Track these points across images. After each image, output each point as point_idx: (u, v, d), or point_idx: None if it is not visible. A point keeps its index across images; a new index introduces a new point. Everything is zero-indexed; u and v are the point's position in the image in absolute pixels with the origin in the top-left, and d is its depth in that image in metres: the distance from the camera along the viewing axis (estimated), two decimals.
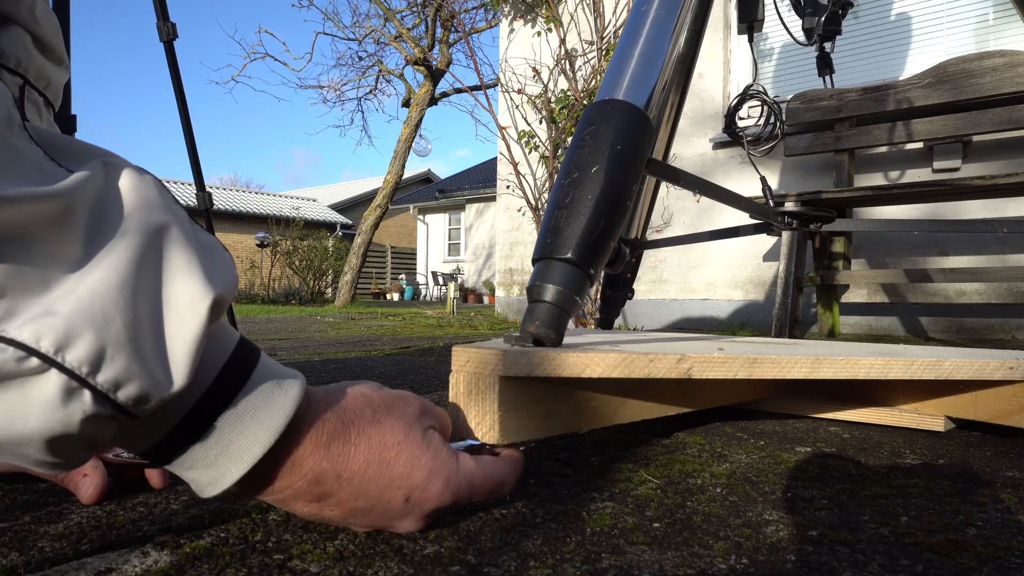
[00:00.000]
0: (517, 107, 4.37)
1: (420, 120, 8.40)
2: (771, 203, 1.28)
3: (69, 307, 0.30)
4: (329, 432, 0.40)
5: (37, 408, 0.30)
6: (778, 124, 1.30)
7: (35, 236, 0.30)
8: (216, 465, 0.37)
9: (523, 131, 4.15)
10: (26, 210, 0.29)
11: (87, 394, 0.30)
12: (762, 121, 1.33)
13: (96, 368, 0.30)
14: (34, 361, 0.29)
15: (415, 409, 0.45)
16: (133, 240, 0.33)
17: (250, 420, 0.37)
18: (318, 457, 0.40)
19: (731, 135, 1.31)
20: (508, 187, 4.25)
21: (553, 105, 3.97)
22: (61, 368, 0.29)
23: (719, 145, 3.60)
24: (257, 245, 12.45)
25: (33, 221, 0.30)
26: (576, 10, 4.04)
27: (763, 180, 1.29)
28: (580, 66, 3.97)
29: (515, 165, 3.92)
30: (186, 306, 0.34)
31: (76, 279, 0.31)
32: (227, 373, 0.37)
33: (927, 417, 0.83)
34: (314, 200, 19.62)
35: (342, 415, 0.41)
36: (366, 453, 0.41)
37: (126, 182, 0.35)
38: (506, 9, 4.58)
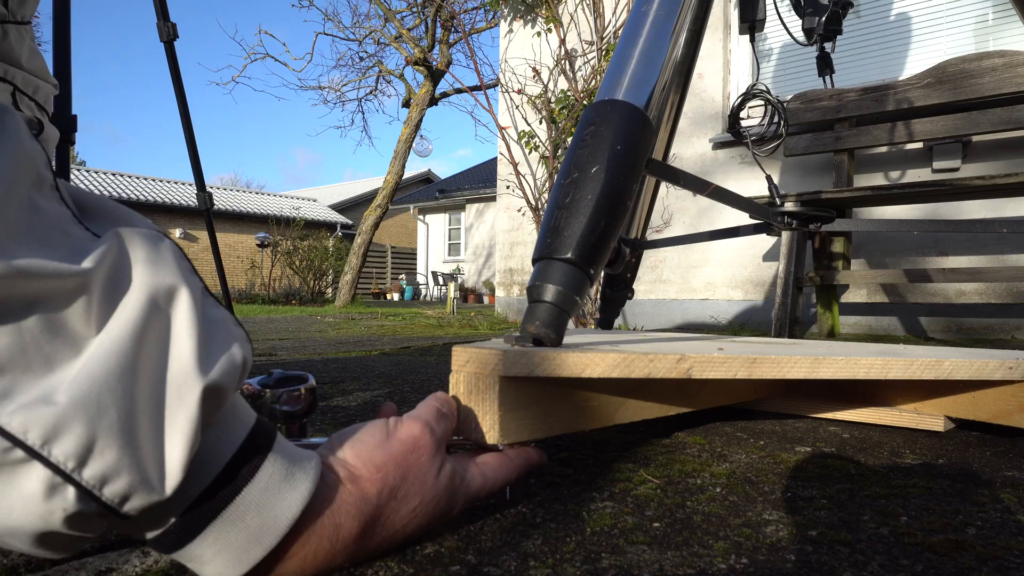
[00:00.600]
0: (517, 107, 4.37)
1: (420, 120, 8.40)
2: (778, 201, 1.28)
3: (65, 395, 0.28)
4: (344, 538, 0.39)
5: (20, 501, 0.28)
6: (782, 123, 1.30)
7: (45, 312, 0.29)
8: (214, 563, 0.35)
9: (523, 131, 4.15)
10: (39, 285, 0.28)
11: (71, 491, 0.29)
12: (766, 120, 1.32)
13: (83, 462, 0.28)
14: (19, 453, 0.27)
15: (427, 457, 0.44)
16: (138, 318, 0.31)
17: (253, 518, 0.35)
18: (338, 559, 0.39)
19: (735, 135, 1.31)
20: (508, 187, 4.25)
21: (553, 105, 3.97)
22: (46, 462, 0.28)
23: (719, 145, 3.60)
24: (257, 245, 12.45)
25: (45, 296, 0.29)
26: (576, 10, 4.04)
27: (769, 179, 1.29)
28: (580, 66, 3.97)
29: (515, 165, 3.92)
30: (178, 396, 0.32)
31: (79, 361, 0.30)
32: (232, 468, 0.35)
33: (927, 417, 0.83)
34: (314, 200, 19.62)
35: (360, 514, 0.39)
36: (385, 540, 0.42)
37: (139, 252, 0.33)
38: (505, 10, 4.58)
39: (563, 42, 3.86)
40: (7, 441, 0.27)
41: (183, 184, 16.14)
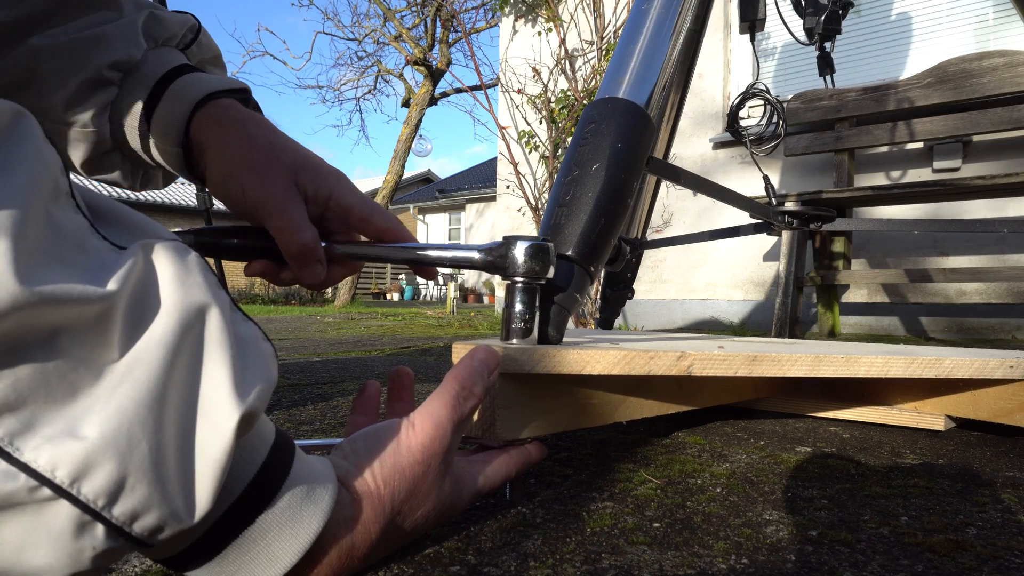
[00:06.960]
0: (517, 107, 4.37)
1: (420, 120, 8.40)
2: (774, 202, 1.28)
3: (94, 429, 0.27)
4: (354, 556, 0.39)
5: (47, 541, 0.27)
6: (780, 123, 1.30)
7: (69, 338, 0.27)
8: None
9: (523, 131, 4.15)
10: (63, 312, 0.27)
11: (100, 528, 0.28)
12: (765, 120, 1.32)
13: (113, 500, 0.27)
14: (45, 491, 0.26)
15: (437, 465, 0.43)
16: (168, 343, 0.30)
17: (273, 538, 0.35)
18: (344, 573, 0.39)
19: (733, 134, 1.31)
20: (508, 187, 4.25)
21: (553, 105, 3.97)
22: (74, 500, 0.27)
23: (719, 145, 3.60)
24: None
25: (69, 322, 0.27)
26: (576, 10, 4.04)
27: (766, 179, 1.29)
28: (580, 66, 3.97)
29: (515, 165, 3.92)
30: (211, 423, 0.31)
31: (105, 390, 0.28)
32: (254, 487, 0.34)
33: (927, 416, 0.83)
34: None
35: (370, 533, 0.39)
36: (389, 549, 0.42)
37: (166, 269, 0.32)
38: (506, 10, 4.58)
39: (563, 42, 3.86)
40: (33, 480, 0.26)
41: (183, 184, 16.14)
